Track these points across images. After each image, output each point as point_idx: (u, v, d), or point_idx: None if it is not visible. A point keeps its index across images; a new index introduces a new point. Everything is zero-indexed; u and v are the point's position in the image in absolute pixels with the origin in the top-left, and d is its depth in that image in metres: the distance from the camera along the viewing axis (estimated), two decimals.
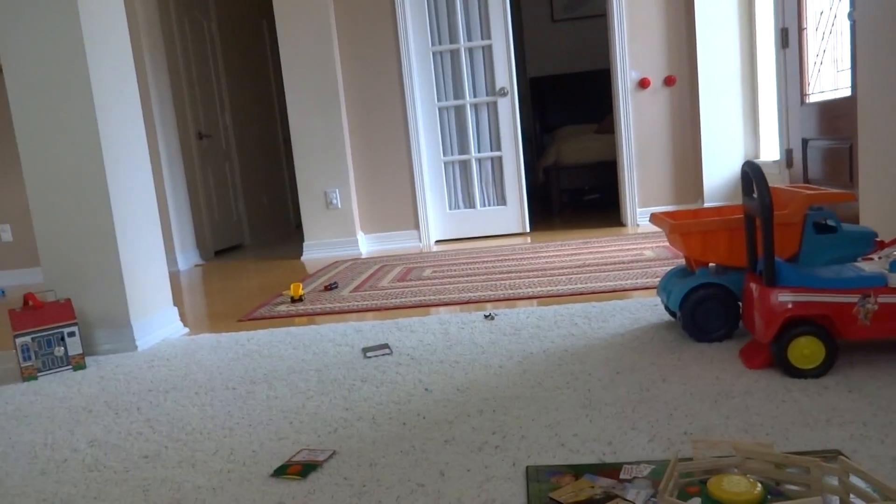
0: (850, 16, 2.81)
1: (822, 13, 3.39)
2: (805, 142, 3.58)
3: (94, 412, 1.77)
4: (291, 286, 3.01)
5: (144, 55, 4.48)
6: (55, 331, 2.22)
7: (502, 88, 4.54)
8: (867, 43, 2.51)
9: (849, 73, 3.03)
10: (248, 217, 6.03)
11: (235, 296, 3.43)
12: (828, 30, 3.32)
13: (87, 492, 1.30)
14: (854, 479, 1.00)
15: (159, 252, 2.63)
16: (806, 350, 1.50)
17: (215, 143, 5.53)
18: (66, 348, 2.22)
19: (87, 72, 2.29)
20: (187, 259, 4.80)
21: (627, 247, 3.64)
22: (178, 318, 2.70)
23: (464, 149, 4.66)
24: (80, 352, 2.24)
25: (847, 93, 3.08)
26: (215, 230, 5.39)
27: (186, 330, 2.68)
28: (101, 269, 2.37)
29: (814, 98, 3.55)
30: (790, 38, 3.69)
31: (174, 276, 4.36)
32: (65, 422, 1.72)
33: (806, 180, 3.58)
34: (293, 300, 2.99)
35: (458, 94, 4.60)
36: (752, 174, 1.55)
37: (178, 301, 3.42)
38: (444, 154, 4.67)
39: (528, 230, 4.66)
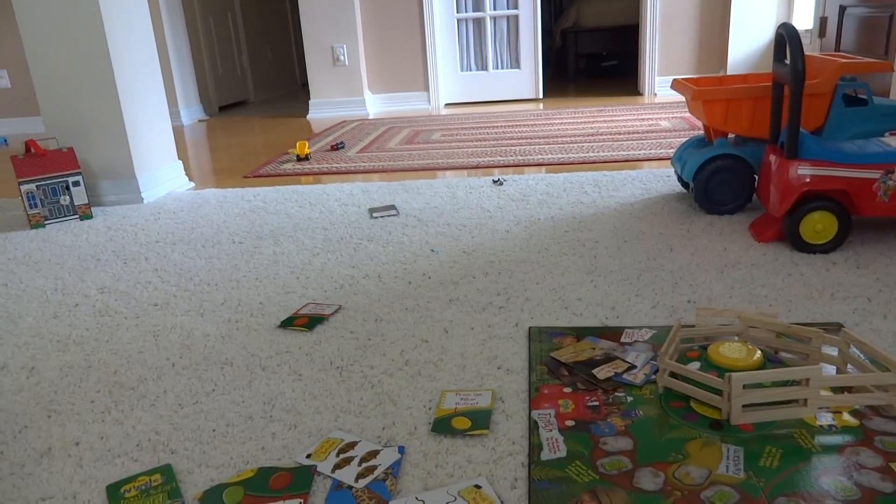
0: None
1: None
2: (842, 8, 3.36)
3: (102, 260, 1.79)
4: (297, 144, 2.96)
5: None
6: (60, 179, 2.20)
7: None
8: None
9: None
10: (253, 72, 5.84)
11: (240, 152, 3.38)
12: None
13: (98, 335, 1.33)
14: (853, 351, 1.01)
15: (161, 104, 2.55)
16: (819, 225, 1.48)
17: None
18: (71, 197, 2.21)
19: None
20: (191, 114, 4.70)
21: (643, 116, 3.53)
22: (183, 171, 2.67)
23: (478, 5, 4.40)
24: (86, 201, 2.23)
25: None
26: (219, 85, 5.24)
27: (192, 184, 2.67)
28: (103, 119, 2.31)
29: None
30: None
31: (177, 131, 4.29)
32: (74, 269, 1.74)
33: (838, 51, 3.40)
34: (299, 158, 2.95)
35: None
36: (787, 37, 1.45)
37: (182, 156, 3.38)
38: (458, 10, 4.42)
39: (541, 96, 4.51)
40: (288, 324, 1.31)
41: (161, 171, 2.51)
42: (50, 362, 1.23)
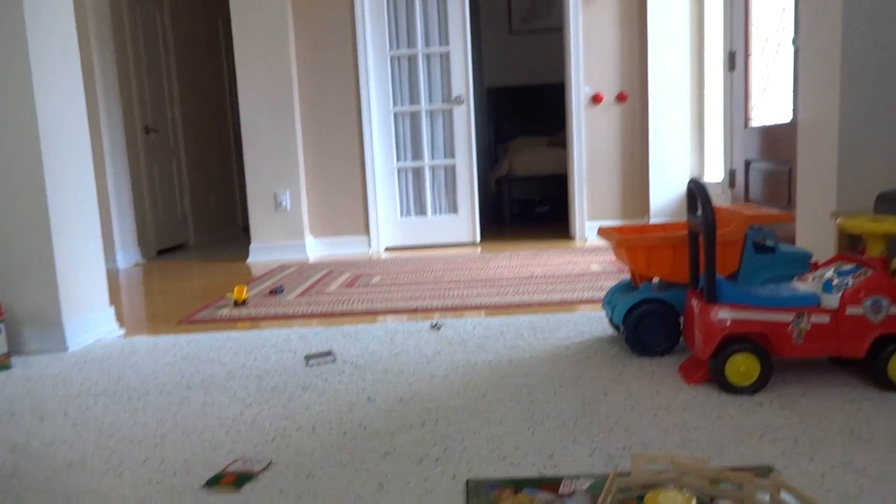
0: (794, 41, 2.91)
1: (767, 39, 3.50)
2: (748, 163, 3.69)
3: (17, 416, 1.68)
4: (235, 289, 2.94)
5: (91, 43, 4.33)
6: None
7: (458, 96, 4.55)
8: (808, 71, 2.61)
9: (790, 99, 3.14)
10: (194, 216, 5.88)
11: (176, 297, 3.33)
12: (772, 56, 3.44)
13: (3, 501, 1.23)
14: (784, 496, 1.02)
15: (97, 249, 2.53)
16: (742, 367, 1.54)
17: (163, 137, 5.38)
18: None
19: (27, 56, 2.19)
20: (128, 257, 4.65)
21: (575, 260, 3.68)
22: (113, 318, 2.60)
23: (417, 155, 4.65)
24: (6, 351, 2.13)
25: (788, 118, 3.19)
26: (159, 228, 5.24)
27: (122, 331, 2.59)
28: (33, 263, 2.26)
29: (757, 121, 3.67)
30: (737, 61, 3.81)
31: (113, 275, 4.21)
32: None
33: (747, 200, 3.69)
34: (237, 303, 2.92)
35: (414, 99, 4.59)
36: (696, 192, 1.58)
37: (115, 301, 3.30)
38: (398, 160, 4.65)
39: (478, 240, 4.67)
40: (213, 483, 1.24)
41: (90, 318, 2.44)
42: None
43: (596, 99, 4.49)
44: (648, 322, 1.84)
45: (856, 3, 2.33)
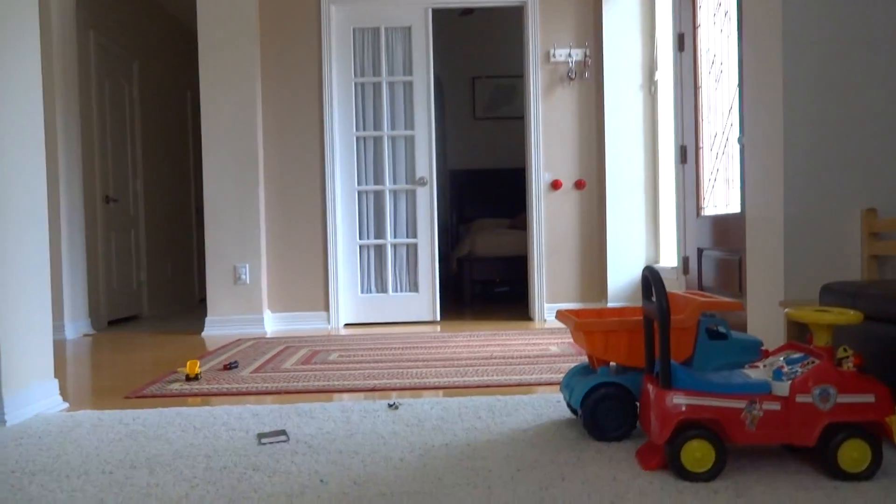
0: (740, 140, 3.09)
1: (715, 135, 3.71)
2: (700, 251, 3.82)
3: None
4: (188, 363, 2.86)
5: (57, 111, 4.33)
6: None
7: (422, 178, 4.65)
8: (753, 166, 2.76)
9: (738, 191, 3.30)
10: (150, 287, 5.76)
11: (125, 370, 3.22)
12: (721, 150, 3.63)
13: None
14: None
15: (45, 319, 2.45)
16: (698, 453, 1.55)
17: (123, 207, 5.33)
18: None
19: None
20: (77, 328, 4.50)
21: (534, 341, 3.70)
22: (57, 391, 2.49)
23: (380, 233, 4.69)
24: None
25: (737, 209, 3.34)
26: (112, 298, 5.11)
27: (66, 405, 2.48)
28: None
29: (708, 211, 3.82)
30: (688, 154, 4.00)
31: (59, 346, 4.07)
32: None
33: (700, 287, 3.80)
34: (188, 378, 2.84)
35: (379, 179, 4.68)
36: (651, 280, 1.63)
37: (60, 373, 3.18)
38: (360, 237, 4.68)
39: (438, 318, 4.67)
40: None
41: (32, 390, 2.34)
42: None
43: (555, 185, 4.64)
44: (606, 406, 1.85)
45: (795, 105, 2.51)
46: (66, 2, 4.46)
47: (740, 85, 2.97)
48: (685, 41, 3.98)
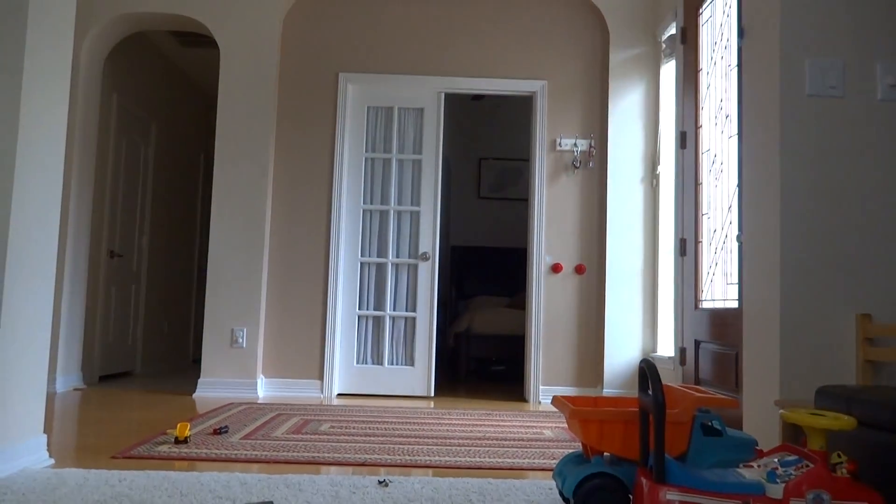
0: (738, 238, 3.16)
1: (714, 231, 3.79)
2: (697, 343, 3.84)
3: None
4: (178, 425, 2.84)
5: (73, 168, 4.44)
6: None
7: (424, 253, 4.72)
8: (751, 264, 2.82)
9: (736, 286, 3.35)
10: (145, 343, 5.74)
11: (113, 429, 3.18)
12: (720, 246, 3.71)
13: None
14: None
15: (42, 374, 2.45)
16: None
17: (126, 263, 5.38)
18: None
19: (11, 181, 2.25)
20: (67, 381, 4.47)
21: (528, 423, 3.67)
22: (45, 447, 2.47)
23: (380, 305, 4.72)
24: None
25: (735, 304, 3.38)
26: (106, 353, 5.08)
27: (51, 461, 2.45)
28: None
29: (706, 304, 3.86)
30: (687, 248, 4.08)
31: (49, 399, 4.03)
32: None
33: (697, 379, 3.79)
34: (177, 441, 2.80)
35: (382, 252, 4.75)
36: (648, 373, 1.66)
37: (47, 427, 3.14)
38: (360, 308, 4.70)
39: (432, 394, 4.64)
40: None
41: (19, 445, 2.31)
42: None
43: (556, 268, 4.70)
44: (598, 497, 1.83)
45: (792, 209, 2.59)
46: (94, 64, 4.65)
47: (739, 185, 3.07)
48: (687, 139, 4.13)
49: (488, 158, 7.77)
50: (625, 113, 4.75)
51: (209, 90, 6.89)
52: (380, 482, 2.28)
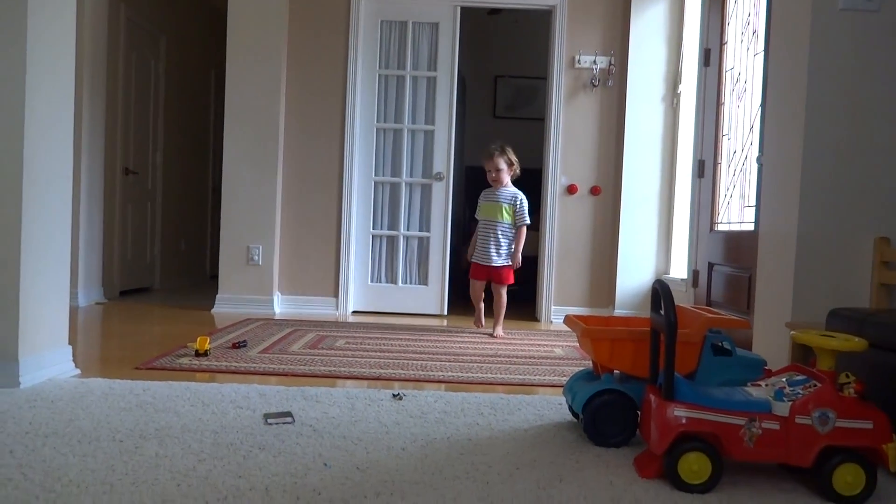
0: (759, 159, 3.10)
1: (734, 152, 3.72)
2: (711, 265, 3.83)
3: None
4: (198, 339, 2.92)
5: (84, 84, 4.39)
6: None
7: (439, 173, 4.68)
8: (770, 186, 2.77)
9: (753, 209, 3.31)
10: (163, 260, 5.83)
11: (135, 341, 3.27)
12: (739, 167, 3.64)
13: None
14: None
15: (64, 286, 2.50)
16: (695, 465, 1.58)
17: (141, 180, 5.39)
18: None
19: (23, 95, 2.23)
20: (88, 295, 4.57)
21: (539, 342, 3.73)
22: (70, 357, 2.55)
23: (394, 225, 4.73)
24: None
25: (751, 227, 3.35)
26: (125, 269, 5.17)
27: (77, 371, 2.53)
28: None
29: (722, 227, 3.84)
30: (706, 169, 4.01)
31: (72, 312, 4.10)
32: None
33: (709, 301, 3.81)
34: (198, 354, 2.89)
35: (396, 171, 4.71)
36: (661, 293, 1.66)
37: (71, 340, 3.23)
38: (374, 227, 4.72)
39: (445, 312, 4.71)
40: None
41: (47, 355, 2.39)
42: None
43: (571, 189, 4.66)
44: (607, 413, 1.88)
45: (817, 128, 2.52)
46: None
47: (763, 104, 2.98)
48: (711, 57, 3.99)
49: (504, 76, 7.57)
50: (647, 28, 4.57)
51: (219, 3, 6.69)
52: (394, 395, 2.35)
